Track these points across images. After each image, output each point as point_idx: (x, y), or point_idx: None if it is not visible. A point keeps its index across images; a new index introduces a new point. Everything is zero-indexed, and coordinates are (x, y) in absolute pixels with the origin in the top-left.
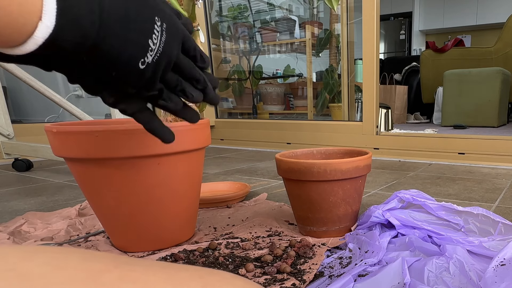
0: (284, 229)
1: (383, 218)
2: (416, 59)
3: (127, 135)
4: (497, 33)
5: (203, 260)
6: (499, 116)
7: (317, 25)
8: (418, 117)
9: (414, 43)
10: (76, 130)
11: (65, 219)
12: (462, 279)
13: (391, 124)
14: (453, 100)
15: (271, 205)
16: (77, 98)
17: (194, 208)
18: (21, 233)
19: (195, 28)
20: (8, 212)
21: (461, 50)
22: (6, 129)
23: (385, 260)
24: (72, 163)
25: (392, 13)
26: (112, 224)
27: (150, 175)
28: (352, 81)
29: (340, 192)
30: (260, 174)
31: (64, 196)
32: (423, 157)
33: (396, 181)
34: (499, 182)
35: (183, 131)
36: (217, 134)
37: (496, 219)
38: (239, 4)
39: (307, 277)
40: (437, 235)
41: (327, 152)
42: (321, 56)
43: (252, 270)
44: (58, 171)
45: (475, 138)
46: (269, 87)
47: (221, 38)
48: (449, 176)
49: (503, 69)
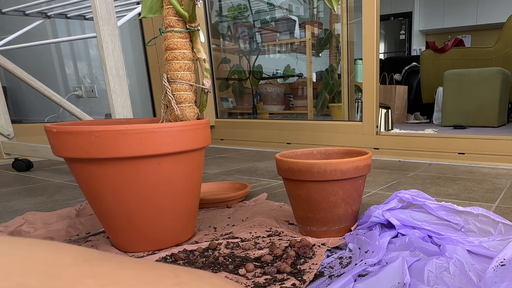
0: (284, 229)
1: (383, 218)
2: (416, 59)
3: (127, 135)
4: (497, 33)
5: (203, 260)
6: (499, 116)
7: (317, 25)
8: (418, 117)
9: (414, 43)
10: (76, 130)
11: (65, 219)
12: (462, 279)
13: (391, 124)
14: (453, 100)
15: (271, 205)
16: (77, 98)
17: (194, 208)
18: (21, 233)
19: (195, 28)
20: (8, 212)
21: (461, 50)
22: (6, 129)
23: (385, 260)
24: (72, 163)
25: (392, 13)
26: (112, 224)
27: (150, 175)
28: (352, 81)
29: (340, 192)
30: (260, 174)
31: (64, 196)
32: (423, 157)
33: (396, 181)
34: (499, 182)
35: (183, 131)
36: (217, 134)
37: (496, 219)
38: (239, 4)
39: (307, 277)
40: (437, 235)
41: (327, 152)
42: (321, 56)
43: (252, 270)
44: (58, 171)
45: (475, 138)
46: (269, 87)
47: (221, 38)
48: (449, 176)
49: (503, 69)
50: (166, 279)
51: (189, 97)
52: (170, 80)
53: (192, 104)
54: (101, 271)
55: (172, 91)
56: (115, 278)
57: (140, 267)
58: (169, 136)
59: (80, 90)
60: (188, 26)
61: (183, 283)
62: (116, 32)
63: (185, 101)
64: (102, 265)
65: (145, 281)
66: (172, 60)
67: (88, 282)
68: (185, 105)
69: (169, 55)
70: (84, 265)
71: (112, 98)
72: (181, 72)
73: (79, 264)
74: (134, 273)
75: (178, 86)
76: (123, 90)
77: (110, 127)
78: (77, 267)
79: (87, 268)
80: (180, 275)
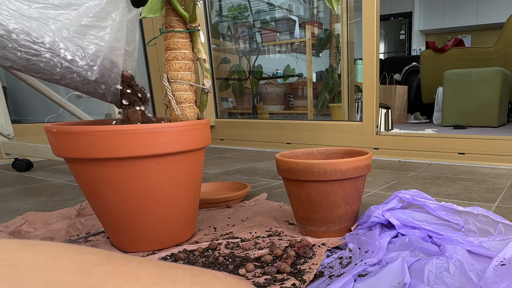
0: (284, 229)
1: (383, 218)
2: (416, 59)
3: (127, 135)
4: (497, 33)
5: (203, 260)
6: (499, 116)
7: (317, 25)
8: (418, 117)
9: (414, 43)
10: (76, 130)
11: (65, 219)
12: (462, 279)
13: (391, 124)
14: (453, 100)
15: (271, 205)
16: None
17: (194, 208)
18: (21, 233)
19: (196, 28)
20: (8, 212)
21: (461, 50)
22: (6, 129)
23: (385, 260)
24: (72, 163)
25: (392, 13)
26: (112, 224)
27: (150, 175)
28: (352, 81)
29: (340, 192)
30: (260, 174)
31: (64, 196)
32: (423, 157)
33: (396, 181)
34: (499, 182)
35: (183, 131)
36: (217, 134)
37: (496, 219)
38: (239, 4)
39: (307, 277)
40: (437, 235)
41: (327, 152)
42: (321, 56)
43: (252, 270)
44: (58, 171)
45: (475, 138)
46: (269, 87)
47: (221, 38)
48: (449, 176)
49: (503, 69)
50: (185, 277)
51: (189, 97)
52: (170, 80)
53: (192, 104)
54: (126, 270)
55: (172, 91)
56: (139, 276)
57: (160, 266)
58: (169, 136)
59: None
60: (188, 26)
61: (201, 282)
62: None
63: (185, 101)
64: (126, 265)
65: (166, 279)
66: (173, 60)
67: (115, 279)
68: (185, 105)
69: (169, 55)
70: (109, 264)
71: None
72: (181, 72)
73: (104, 264)
74: (155, 272)
75: (178, 86)
76: None
77: (110, 127)
78: (103, 266)
79: (112, 267)
80: (197, 275)
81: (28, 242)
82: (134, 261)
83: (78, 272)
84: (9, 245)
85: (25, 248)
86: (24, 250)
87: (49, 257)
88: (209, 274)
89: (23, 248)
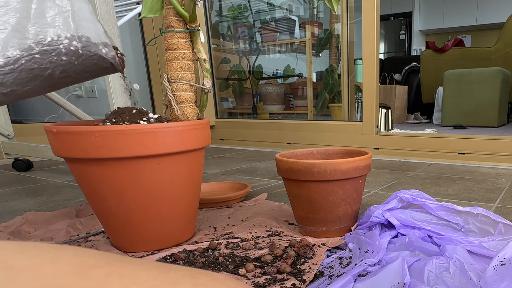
0: (284, 229)
1: (383, 218)
2: (416, 59)
3: (127, 135)
4: (497, 33)
5: (203, 260)
6: (499, 116)
7: (317, 25)
8: (418, 117)
9: (414, 43)
10: (76, 130)
11: (65, 219)
12: (462, 279)
13: (391, 124)
14: (453, 100)
15: (271, 205)
16: (77, 98)
17: (194, 208)
18: (21, 233)
19: (196, 28)
20: (8, 212)
21: (461, 50)
22: (6, 129)
23: (385, 260)
24: (72, 163)
25: (392, 13)
26: (112, 224)
27: (150, 175)
28: (352, 81)
29: (340, 192)
30: (260, 174)
31: (64, 196)
32: (423, 157)
33: (396, 181)
34: (499, 182)
35: (183, 131)
36: (217, 134)
37: (496, 219)
38: (239, 4)
39: (307, 277)
40: (437, 235)
41: (327, 152)
42: (321, 56)
43: (252, 270)
44: (58, 171)
45: (475, 138)
46: (269, 87)
47: (221, 38)
48: (449, 176)
49: (503, 69)
50: (184, 279)
51: (189, 97)
52: (170, 80)
53: (192, 104)
54: (124, 272)
55: (172, 91)
56: (137, 279)
57: (159, 268)
58: (169, 136)
59: (80, 90)
60: (188, 26)
61: (201, 284)
62: (116, 32)
63: (185, 101)
64: (124, 267)
65: (165, 281)
66: (173, 60)
67: (113, 282)
68: (185, 105)
69: (169, 55)
70: (107, 267)
71: (112, 98)
72: (181, 72)
73: (102, 266)
74: (154, 274)
75: (178, 86)
76: (123, 90)
77: (110, 127)
78: (101, 269)
79: (111, 270)
80: (197, 277)
81: (26, 244)
82: (133, 263)
83: (76, 275)
84: (7, 248)
85: (23, 250)
86: (22, 253)
87: (47, 260)
88: (208, 276)
89: (21, 250)
